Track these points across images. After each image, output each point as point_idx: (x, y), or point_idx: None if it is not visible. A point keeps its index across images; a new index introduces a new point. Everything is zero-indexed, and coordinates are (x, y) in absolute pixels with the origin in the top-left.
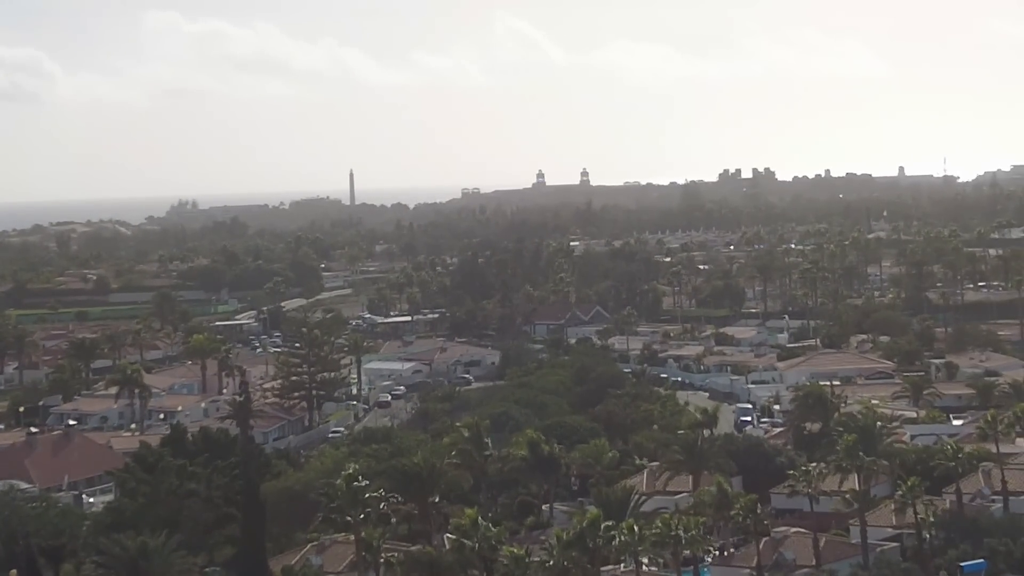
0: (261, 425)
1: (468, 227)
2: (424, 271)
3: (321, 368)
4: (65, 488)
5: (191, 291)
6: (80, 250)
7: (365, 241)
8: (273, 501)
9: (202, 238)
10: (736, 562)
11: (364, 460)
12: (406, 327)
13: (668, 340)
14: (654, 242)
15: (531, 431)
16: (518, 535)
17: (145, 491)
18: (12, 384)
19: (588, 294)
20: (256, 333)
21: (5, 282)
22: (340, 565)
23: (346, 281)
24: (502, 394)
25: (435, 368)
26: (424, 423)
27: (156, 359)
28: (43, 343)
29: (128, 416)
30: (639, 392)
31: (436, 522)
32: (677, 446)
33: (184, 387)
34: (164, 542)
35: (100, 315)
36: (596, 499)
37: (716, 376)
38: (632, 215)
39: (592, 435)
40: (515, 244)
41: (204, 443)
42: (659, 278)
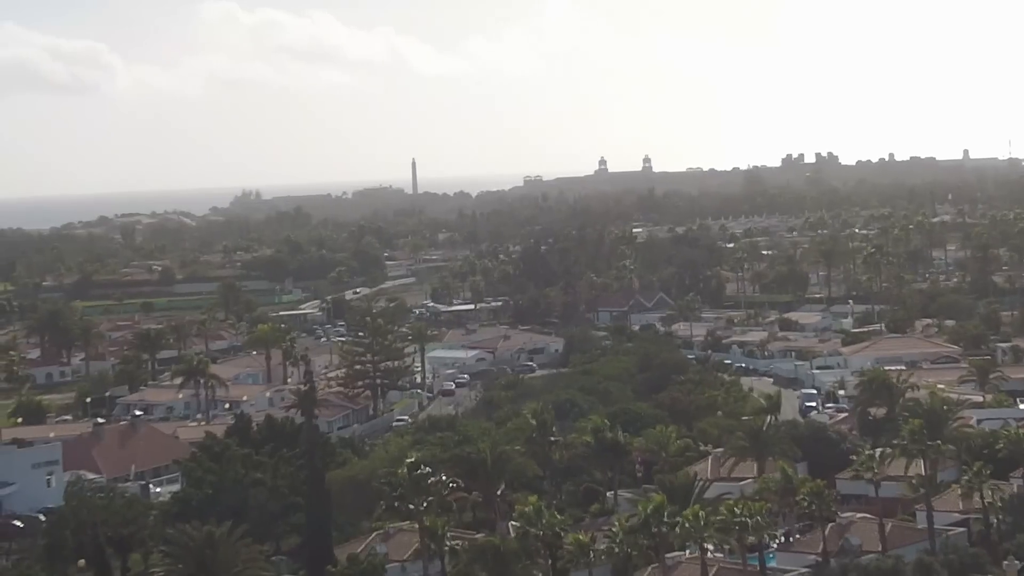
0: (326, 414)
1: (530, 215)
2: (487, 259)
3: (385, 357)
4: (132, 478)
5: (255, 281)
6: (145, 241)
7: (428, 230)
8: (338, 490)
9: (266, 228)
10: (801, 548)
11: (428, 448)
12: (469, 315)
13: (732, 326)
14: (717, 228)
15: (595, 418)
16: (583, 522)
17: (211, 480)
18: (79, 375)
19: (651, 281)
20: (320, 322)
21: (71, 274)
22: (405, 553)
23: (409, 270)
24: (566, 381)
25: (499, 356)
26: (488, 411)
27: (221, 349)
28: (109, 334)
29: (194, 406)
30: (703, 378)
31: (501, 510)
32: (741, 432)
33: (249, 377)
34: (230, 531)
35: (165, 306)
36: (660, 486)
37: (780, 362)
38: (694, 201)
39: (656, 422)
40: (578, 231)
41: (269, 432)
42: (722, 264)
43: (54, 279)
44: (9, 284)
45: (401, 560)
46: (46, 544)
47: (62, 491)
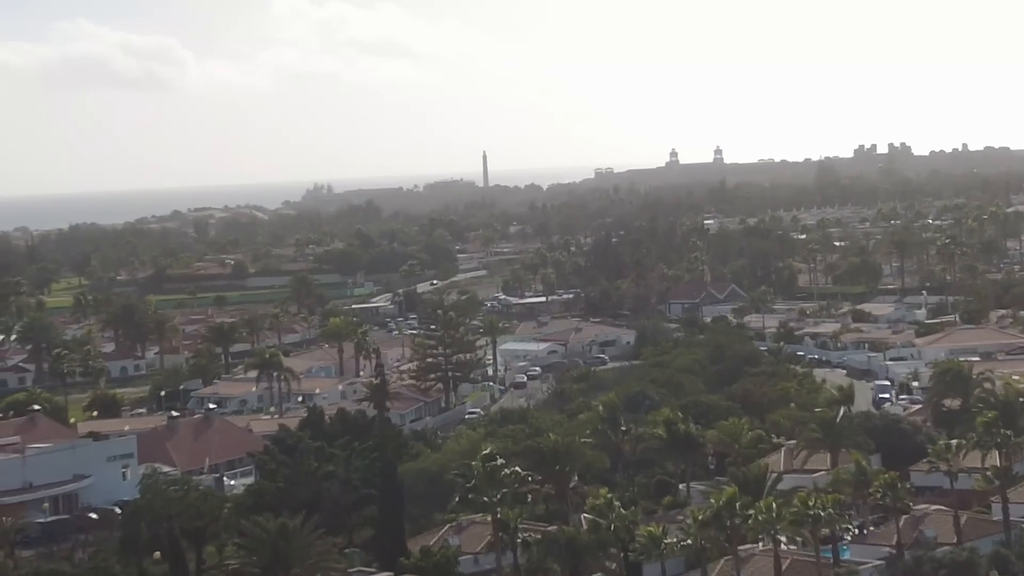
0: (398, 407)
1: (601, 207)
2: (558, 251)
3: (457, 350)
4: (206, 471)
5: (327, 275)
6: (218, 235)
7: (499, 222)
8: (411, 482)
9: (337, 221)
10: (875, 540)
11: (501, 441)
12: (541, 308)
13: (804, 318)
14: (789, 219)
15: (667, 410)
16: (655, 514)
17: (284, 473)
18: (153, 369)
19: (723, 272)
20: (392, 315)
21: (145, 268)
22: (478, 545)
23: (480, 263)
24: (638, 373)
25: (570, 348)
26: (560, 403)
27: (293, 342)
28: (183, 328)
29: (267, 399)
30: (776, 370)
31: (573, 502)
32: (815, 424)
33: (321, 370)
34: (303, 523)
35: (238, 300)
36: (733, 478)
37: (853, 353)
38: (766, 192)
39: (728, 414)
40: (649, 223)
41: (342, 425)
42: (794, 255)
43: (128, 273)
44: (84, 278)
45: (474, 552)
46: (122, 536)
47: (137, 484)
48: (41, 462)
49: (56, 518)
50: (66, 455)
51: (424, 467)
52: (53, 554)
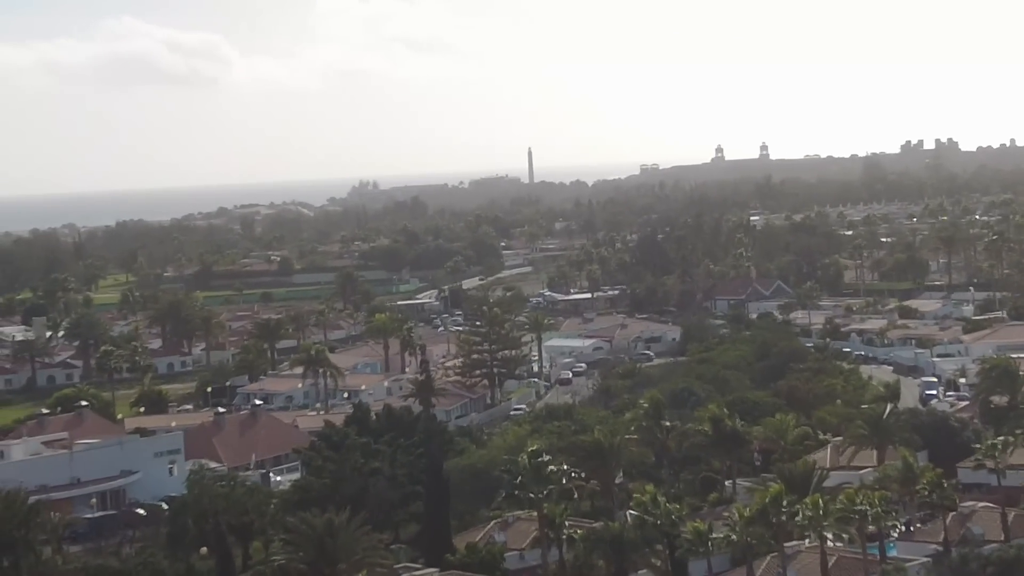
0: (443, 403)
1: (647, 203)
2: (604, 248)
3: (502, 346)
4: (252, 467)
5: (373, 271)
6: (264, 232)
7: (544, 219)
8: (456, 478)
9: (383, 218)
10: (922, 537)
11: (546, 437)
12: (586, 304)
13: (850, 314)
14: (835, 215)
15: (713, 406)
16: (701, 511)
17: (330, 469)
18: (200, 365)
19: (769, 269)
20: (437, 312)
21: (192, 265)
22: (523, 542)
23: (526, 259)
24: (683, 370)
25: (616, 345)
26: (605, 400)
27: (339, 339)
28: (229, 324)
29: (313, 395)
30: (822, 367)
31: (619, 498)
32: (861, 420)
33: (367, 366)
34: (350, 520)
35: (284, 296)
36: (779, 474)
37: (900, 350)
38: (812, 188)
39: (774, 410)
40: (694, 219)
41: (388, 421)
42: (841, 251)
43: (175, 269)
44: (131, 275)
45: (520, 548)
46: (168, 532)
47: (184, 479)
48: (89, 458)
49: (103, 514)
50: (113, 451)
51: (470, 463)
52: (101, 549)
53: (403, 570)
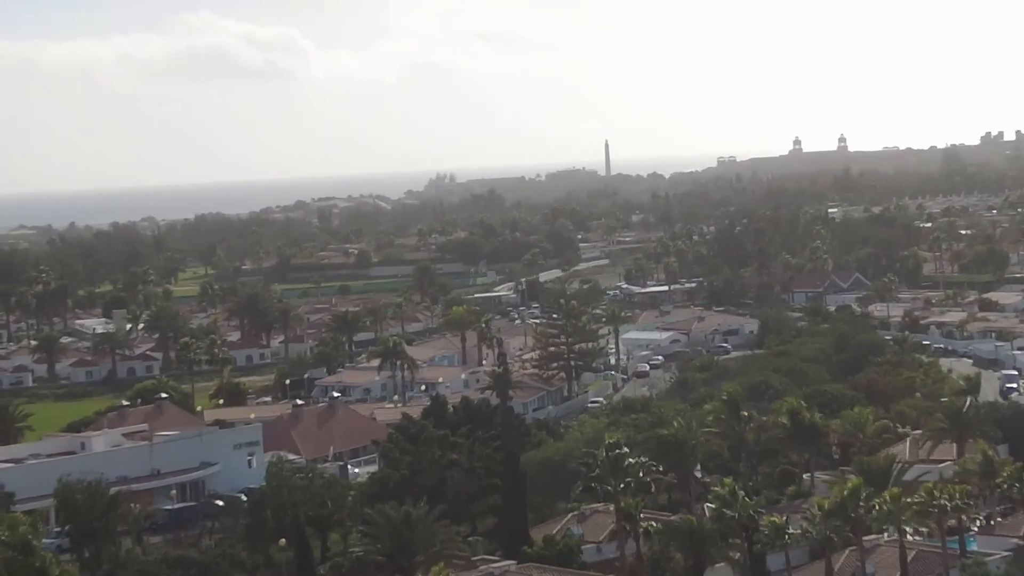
0: (520, 396)
1: (724, 196)
2: (681, 240)
3: (579, 339)
4: (330, 459)
5: (450, 264)
6: (341, 225)
7: (621, 211)
8: (533, 471)
9: (460, 211)
10: (1003, 531)
11: (623, 430)
12: (663, 297)
13: (930, 306)
14: (914, 207)
15: (791, 399)
16: (778, 504)
17: (408, 461)
18: (278, 357)
19: (847, 261)
20: (514, 304)
21: (270, 258)
22: (600, 534)
23: (603, 252)
24: (761, 363)
25: (693, 337)
26: (682, 392)
27: (416, 331)
28: (307, 317)
29: (390, 388)
30: (900, 359)
31: (696, 491)
32: (940, 414)
33: (444, 358)
34: (427, 512)
35: (362, 289)
36: (858, 468)
37: (980, 342)
38: (891, 180)
39: (853, 403)
40: (772, 212)
41: (465, 414)
42: (919, 244)
43: (253, 263)
44: (210, 268)
45: (597, 541)
46: (247, 523)
47: (263, 471)
48: (168, 450)
49: (183, 505)
50: (193, 443)
51: (547, 456)
52: (180, 541)
53: (480, 562)
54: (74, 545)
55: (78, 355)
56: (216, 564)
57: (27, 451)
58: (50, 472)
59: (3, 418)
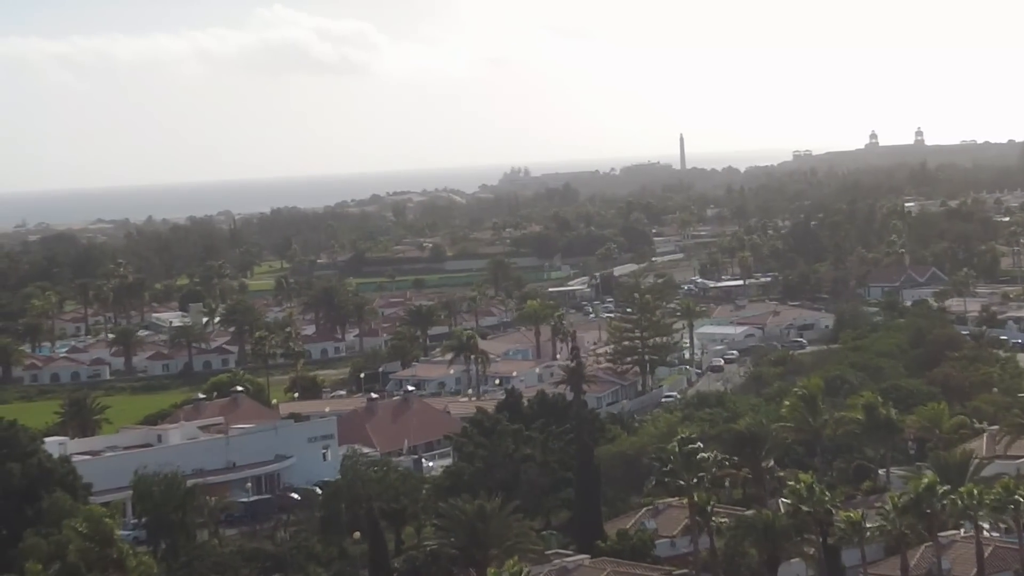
0: (595, 390)
1: (799, 190)
2: (756, 235)
3: (653, 333)
4: (405, 452)
5: (524, 258)
6: (416, 219)
7: (696, 205)
8: (607, 465)
9: (534, 205)
10: None
11: (697, 424)
12: (738, 291)
13: (1008, 301)
14: (992, 202)
15: (867, 394)
16: (854, 499)
17: (482, 455)
18: (353, 351)
19: (923, 255)
20: (588, 298)
21: (345, 252)
22: (674, 529)
23: (677, 246)
24: (836, 357)
25: (768, 332)
26: (757, 387)
27: (491, 325)
28: (382, 310)
29: (464, 381)
30: (978, 355)
31: (770, 486)
32: (1018, 409)
33: (518, 352)
34: (501, 505)
35: (436, 283)
36: (934, 464)
37: None
38: (969, 174)
39: (929, 398)
40: (848, 206)
41: (539, 408)
42: (997, 238)
43: (328, 256)
44: (285, 262)
45: (670, 536)
46: (322, 516)
47: (337, 465)
48: (244, 443)
49: (258, 498)
50: (268, 436)
51: (621, 450)
52: (255, 533)
53: (554, 556)
54: (150, 537)
55: (155, 348)
56: (291, 557)
57: (104, 443)
58: (127, 464)
59: (81, 410)
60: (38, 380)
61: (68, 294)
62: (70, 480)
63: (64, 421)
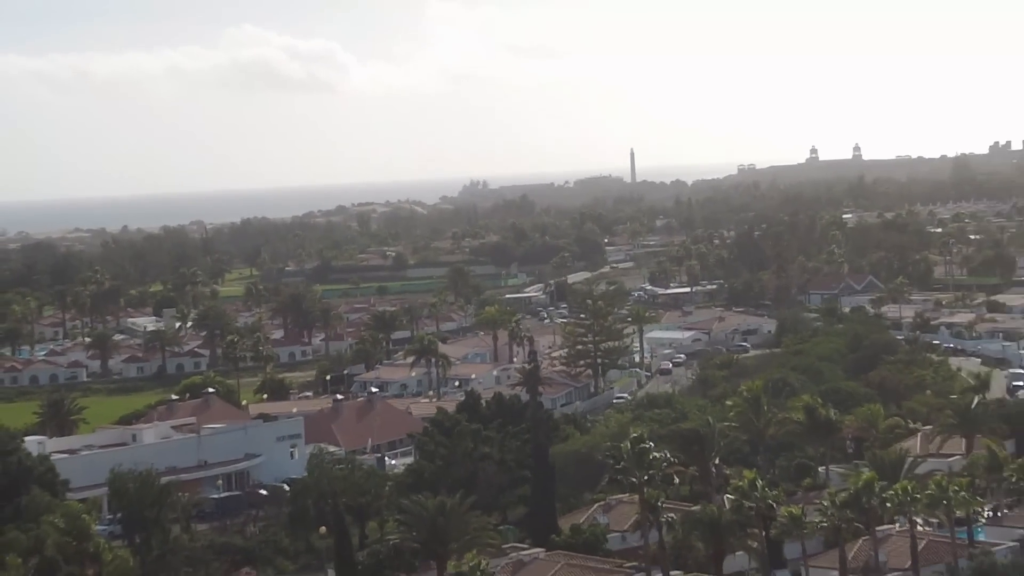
0: (549, 391)
1: (744, 202)
2: (702, 244)
3: (605, 337)
4: (369, 451)
5: (482, 266)
6: (379, 229)
7: (646, 216)
8: (561, 463)
9: (492, 216)
10: (1010, 522)
11: (647, 424)
12: (685, 298)
13: (940, 308)
14: (925, 213)
15: (807, 396)
16: (795, 495)
17: (442, 454)
18: (319, 354)
19: (861, 264)
20: (543, 305)
21: (311, 260)
22: (625, 524)
23: (628, 255)
24: (778, 361)
25: (713, 336)
26: (703, 389)
27: (450, 330)
28: (347, 316)
29: (425, 383)
30: (912, 358)
31: (715, 483)
32: (950, 410)
33: (477, 356)
34: (460, 501)
35: (398, 289)
36: (871, 461)
37: (988, 342)
38: (903, 187)
39: (866, 400)
40: (789, 217)
41: (497, 409)
42: (930, 248)
43: (296, 264)
44: (255, 269)
45: (622, 530)
46: (290, 512)
47: (304, 463)
48: (215, 441)
49: (229, 494)
50: (238, 435)
51: (574, 449)
52: (226, 528)
53: (511, 550)
54: (125, 532)
55: (130, 352)
56: (260, 550)
57: (81, 442)
58: (103, 462)
59: (59, 411)
60: (18, 382)
61: (47, 300)
62: (49, 477)
63: (43, 421)
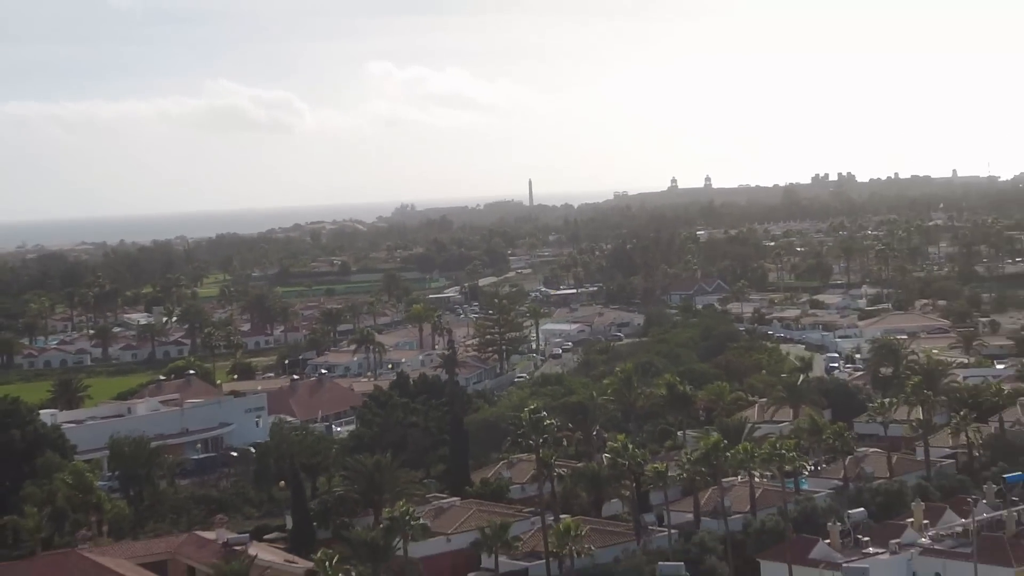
0: (464, 372)
1: (618, 221)
2: (586, 255)
3: (509, 329)
4: (319, 420)
5: (411, 272)
6: (328, 242)
7: (541, 233)
8: (474, 429)
9: (419, 232)
10: (827, 475)
11: (542, 398)
12: (572, 298)
13: (773, 305)
14: (761, 231)
15: (669, 375)
16: (659, 455)
17: (378, 422)
18: (279, 343)
19: (711, 271)
20: (459, 303)
21: (273, 267)
22: (524, 478)
23: (527, 263)
24: (646, 348)
25: (594, 328)
26: (587, 370)
27: (385, 323)
28: (301, 312)
29: (365, 366)
30: (751, 345)
31: (596, 445)
32: (781, 386)
33: (406, 344)
34: (392, 460)
35: (344, 291)
36: (718, 427)
37: (810, 332)
38: (744, 210)
39: (715, 378)
40: (654, 233)
41: (422, 386)
42: (765, 258)
43: (261, 270)
44: (227, 274)
45: (521, 483)
46: (255, 469)
47: (267, 430)
48: (195, 413)
49: (206, 456)
50: (214, 408)
51: (484, 418)
52: (204, 483)
53: (432, 499)
54: (122, 486)
55: (126, 341)
56: (231, 501)
57: (86, 414)
58: (104, 430)
59: (68, 389)
60: (34, 366)
61: (58, 299)
62: (59, 443)
63: (55, 397)
